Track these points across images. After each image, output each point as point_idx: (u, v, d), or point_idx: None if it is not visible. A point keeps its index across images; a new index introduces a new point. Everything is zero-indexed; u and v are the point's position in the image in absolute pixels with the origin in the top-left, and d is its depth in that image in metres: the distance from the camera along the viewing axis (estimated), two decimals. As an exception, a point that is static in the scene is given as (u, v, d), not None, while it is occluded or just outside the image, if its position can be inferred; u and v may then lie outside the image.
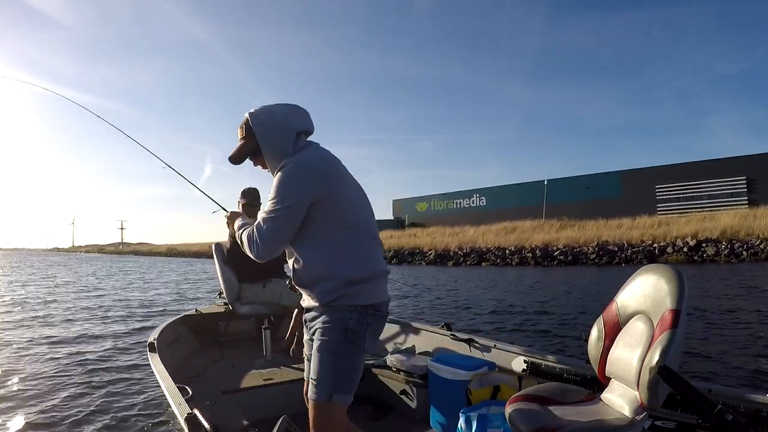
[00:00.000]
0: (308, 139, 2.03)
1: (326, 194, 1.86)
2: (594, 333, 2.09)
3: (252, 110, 1.97)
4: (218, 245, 4.57)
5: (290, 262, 2.01)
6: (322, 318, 1.90)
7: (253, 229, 1.89)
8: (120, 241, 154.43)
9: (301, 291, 2.01)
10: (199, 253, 55.07)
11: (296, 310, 4.12)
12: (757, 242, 21.16)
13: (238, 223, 2.07)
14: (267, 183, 2.11)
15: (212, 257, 4.55)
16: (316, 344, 1.89)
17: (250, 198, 4.24)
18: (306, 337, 2.11)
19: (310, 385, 1.87)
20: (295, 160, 1.87)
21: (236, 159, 2.02)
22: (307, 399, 2.13)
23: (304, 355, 2.15)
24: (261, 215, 1.87)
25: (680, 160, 37.90)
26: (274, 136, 1.91)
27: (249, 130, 1.95)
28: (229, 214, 2.27)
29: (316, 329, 1.91)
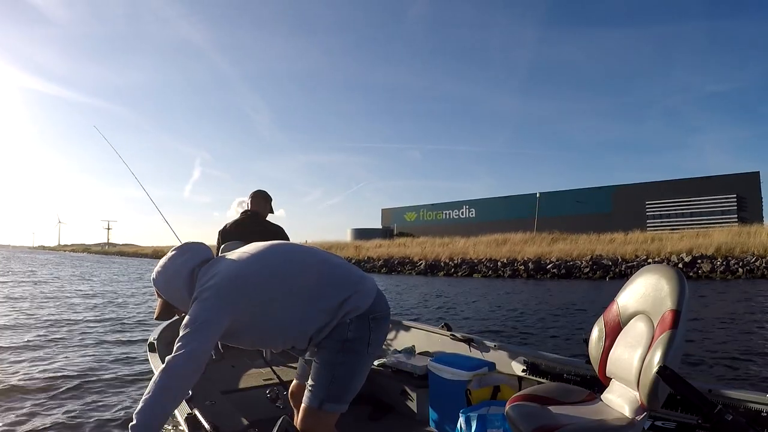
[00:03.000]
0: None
1: (253, 300, 1.83)
2: (595, 333, 2.10)
3: (154, 274, 1.99)
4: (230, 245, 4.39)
5: (280, 348, 2.04)
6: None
7: (168, 361, 1.73)
8: (106, 241, 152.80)
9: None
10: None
11: None
12: (753, 259, 21.22)
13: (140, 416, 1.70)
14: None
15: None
16: (317, 354, 1.93)
17: (261, 198, 4.18)
18: None
19: (306, 390, 1.93)
20: (195, 294, 1.85)
21: (160, 316, 2.05)
22: (291, 398, 2.21)
23: (303, 357, 2.17)
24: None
25: (668, 177, 38.40)
26: (171, 289, 1.94)
27: (157, 291, 2.00)
28: None
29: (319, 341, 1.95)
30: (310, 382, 1.92)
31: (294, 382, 2.24)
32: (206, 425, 2.13)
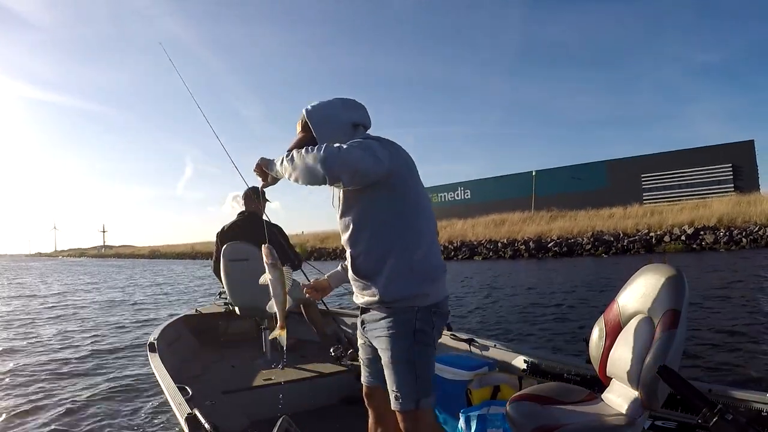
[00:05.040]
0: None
1: (400, 169, 1.82)
2: (595, 333, 2.10)
3: (309, 106, 1.95)
4: (231, 246, 4.07)
5: (349, 250, 1.92)
6: (385, 323, 1.85)
7: (328, 145, 1.72)
8: (102, 244, 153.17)
9: (356, 284, 1.94)
10: (183, 254, 54.87)
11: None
12: (756, 228, 21.18)
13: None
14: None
15: (207, 257, 4.47)
16: (387, 354, 1.85)
17: (254, 195, 4.10)
18: (360, 341, 2.07)
19: (392, 397, 1.84)
20: (361, 137, 1.85)
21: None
22: (366, 399, 2.12)
23: (360, 359, 2.11)
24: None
25: (661, 150, 38.24)
26: (328, 129, 1.88)
27: (305, 124, 1.94)
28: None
29: (380, 337, 1.87)
30: (393, 387, 1.82)
31: (366, 384, 2.12)
32: (206, 425, 2.11)
